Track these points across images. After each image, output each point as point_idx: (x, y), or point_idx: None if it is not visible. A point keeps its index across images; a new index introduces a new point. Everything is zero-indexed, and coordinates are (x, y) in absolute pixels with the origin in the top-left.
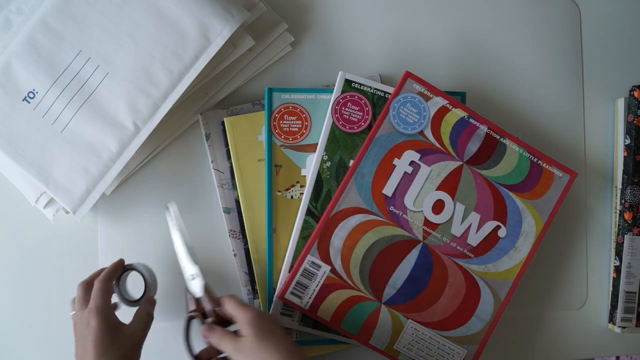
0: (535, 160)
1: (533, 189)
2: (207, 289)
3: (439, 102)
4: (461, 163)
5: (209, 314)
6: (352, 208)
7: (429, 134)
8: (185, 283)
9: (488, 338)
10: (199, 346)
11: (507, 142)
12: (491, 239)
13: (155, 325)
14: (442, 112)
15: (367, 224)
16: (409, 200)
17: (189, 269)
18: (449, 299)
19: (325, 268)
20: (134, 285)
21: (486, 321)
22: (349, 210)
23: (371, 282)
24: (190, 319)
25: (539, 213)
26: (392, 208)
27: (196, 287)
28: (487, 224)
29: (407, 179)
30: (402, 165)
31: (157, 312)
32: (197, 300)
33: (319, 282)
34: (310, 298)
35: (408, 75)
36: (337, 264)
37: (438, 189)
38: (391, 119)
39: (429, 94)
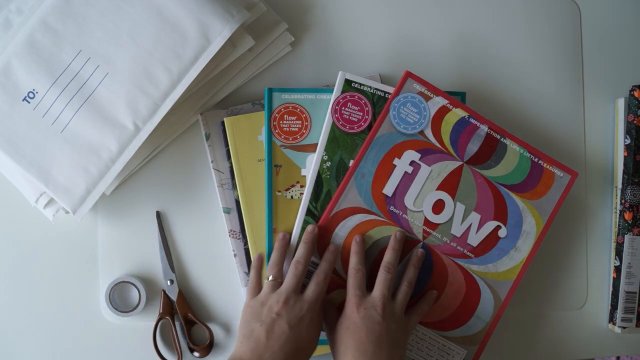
0: (536, 160)
1: (534, 189)
2: (181, 295)
3: (439, 101)
4: (461, 163)
5: (180, 317)
6: (352, 208)
7: (429, 133)
8: (164, 286)
9: (488, 338)
10: (165, 346)
11: (507, 142)
12: (491, 239)
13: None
14: (442, 111)
15: (367, 223)
16: (409, 200)
17: (169, 274)
18: (449, 299)
19: None
20: (123, 296)
21: (486, 321)
22: (349, 210)
23: (371, 282)
24: (160, 320)
25: (539, 213)
26: (392, 208)
27: (173, 291)
28: (487, 224)
29: (407, 179)
30: (402, 165)
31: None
32: (171, 304)
33: None
34: None
35: (408, 75)
36: (337, 264)
37: (438, 188)
38: (391, 119)
39: (429, 93)
